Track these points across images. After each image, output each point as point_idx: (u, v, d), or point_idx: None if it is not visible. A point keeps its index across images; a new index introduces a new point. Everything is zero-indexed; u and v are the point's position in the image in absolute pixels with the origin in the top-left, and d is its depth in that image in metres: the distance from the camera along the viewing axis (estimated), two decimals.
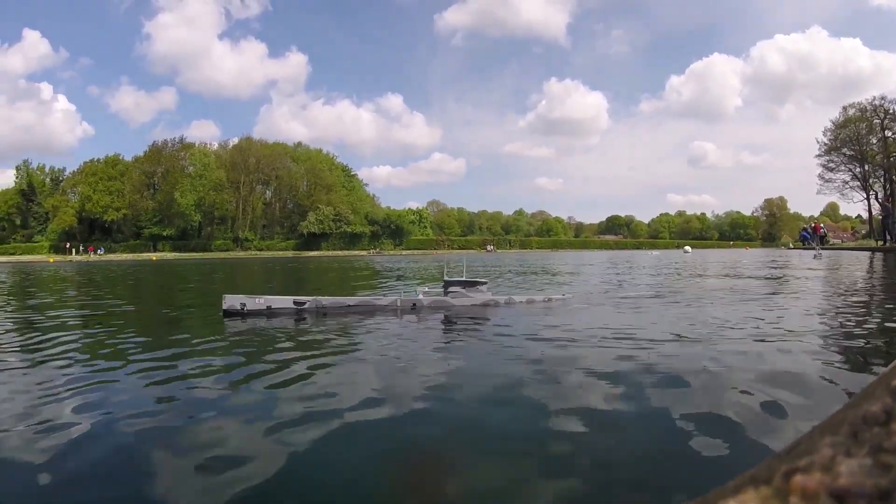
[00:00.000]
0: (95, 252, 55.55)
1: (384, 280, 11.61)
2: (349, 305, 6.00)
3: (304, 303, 5.88)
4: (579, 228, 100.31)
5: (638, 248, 67.43)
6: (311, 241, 56.71)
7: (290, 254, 53.56)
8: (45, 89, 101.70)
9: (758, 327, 4.01)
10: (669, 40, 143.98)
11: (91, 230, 60.59)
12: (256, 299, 5.86)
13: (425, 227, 65.02)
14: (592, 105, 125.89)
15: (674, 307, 5.70)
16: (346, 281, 12.13)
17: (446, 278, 6.17)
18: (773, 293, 6.93)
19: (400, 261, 28.95)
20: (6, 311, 6.67)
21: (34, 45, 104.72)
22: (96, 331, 4.75)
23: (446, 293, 6.01)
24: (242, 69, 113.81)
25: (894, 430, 0.26)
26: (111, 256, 53.39)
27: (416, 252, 55.87)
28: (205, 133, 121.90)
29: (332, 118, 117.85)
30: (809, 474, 0.25)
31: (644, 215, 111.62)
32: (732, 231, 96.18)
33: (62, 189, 62.60)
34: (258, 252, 55.50)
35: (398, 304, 5.89)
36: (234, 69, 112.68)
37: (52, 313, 6.20)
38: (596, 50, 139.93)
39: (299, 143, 66.42)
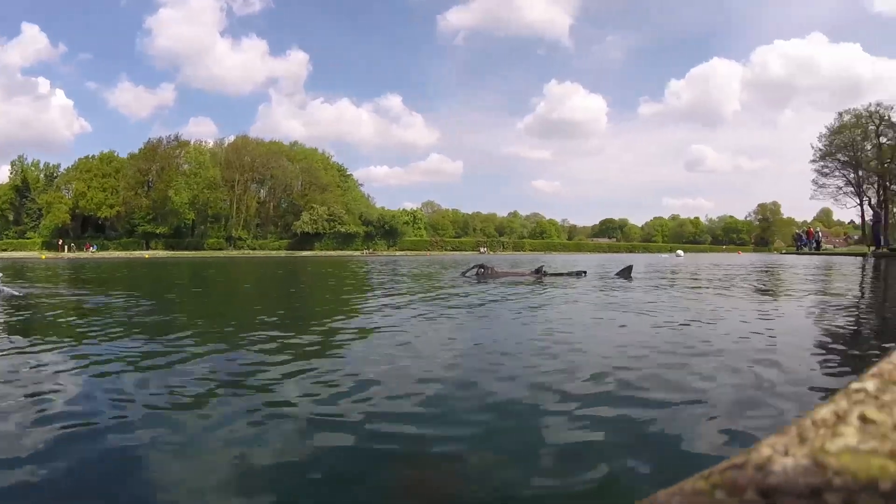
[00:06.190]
0: (90, 249, 55.22)
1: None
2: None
3: (3, 290, 8.14)
4: (573, 231, 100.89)
5: (631, 252, 67.43)
6: (305, 240, 56.44)
7: (283, 253, 53.21)
8: (43, 84, 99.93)
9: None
10: (671, 44, 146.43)
11: (84, 227, 60.18)
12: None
13: (419, 228, 64.83)
14: (592, 108, 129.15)
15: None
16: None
17: None
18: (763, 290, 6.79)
19: (387, 262, 28.55)
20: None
21: (33, 39, 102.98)
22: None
23: None
24: (244, 66, 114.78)
25: (840, 432, 0.27)
26: (103, 254, 52.85)
27: (409, 253, 55.68)
28: (202, 130, 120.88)
29: (331, 117, 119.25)
30: (742, 471, 0.26)
31: (638, 218, 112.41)
32: (725, 235, 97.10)
33: (56, 185, 62.09)
34: (251, 251, 55.18)
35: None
36: (235, 66, 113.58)
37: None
38: (597, 53, 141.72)
39: (295, 143, 66.38)
